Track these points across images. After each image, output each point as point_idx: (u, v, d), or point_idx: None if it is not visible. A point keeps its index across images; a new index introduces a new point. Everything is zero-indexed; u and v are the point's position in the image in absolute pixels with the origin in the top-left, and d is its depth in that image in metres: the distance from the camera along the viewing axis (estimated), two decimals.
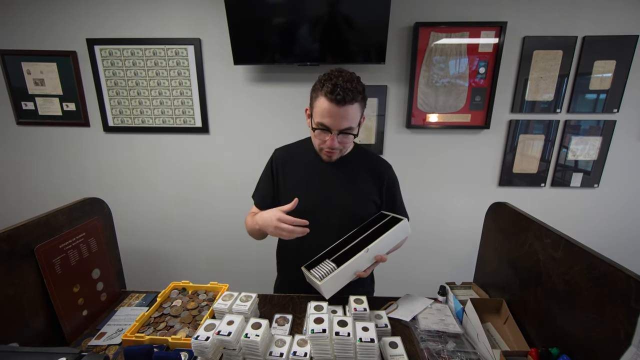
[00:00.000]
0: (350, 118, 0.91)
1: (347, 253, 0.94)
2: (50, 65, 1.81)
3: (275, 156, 1.13)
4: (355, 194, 1.06)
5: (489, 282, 1.10)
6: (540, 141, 1.84)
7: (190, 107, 1.85)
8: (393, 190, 1.13)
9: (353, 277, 0.94)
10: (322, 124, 0.93)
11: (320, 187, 1.06)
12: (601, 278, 0.63)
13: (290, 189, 1.07)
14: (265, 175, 1.14)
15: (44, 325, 0.86)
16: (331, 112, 0.89)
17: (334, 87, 0.87)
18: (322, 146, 0.99)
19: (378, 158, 1.14)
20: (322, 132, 0.95)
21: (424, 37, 1.70)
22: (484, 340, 0.81)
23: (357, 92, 0.89)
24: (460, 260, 2.04)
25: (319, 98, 0.92)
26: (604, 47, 1.69)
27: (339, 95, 0.87)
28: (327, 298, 0.91)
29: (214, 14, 1.71)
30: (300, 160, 1.10)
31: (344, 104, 0.88)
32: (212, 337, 0.77)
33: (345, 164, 1.07)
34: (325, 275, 0.89)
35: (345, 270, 0.90)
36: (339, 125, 0.91)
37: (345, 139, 0.96)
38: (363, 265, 0.94)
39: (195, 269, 2.13)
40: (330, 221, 1.04)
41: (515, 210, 0.97)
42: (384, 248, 0.97)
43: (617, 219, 1.95)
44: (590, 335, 0.65)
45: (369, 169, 1.09)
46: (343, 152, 1.03)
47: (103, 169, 1.98)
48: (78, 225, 0.99)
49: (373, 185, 1.09)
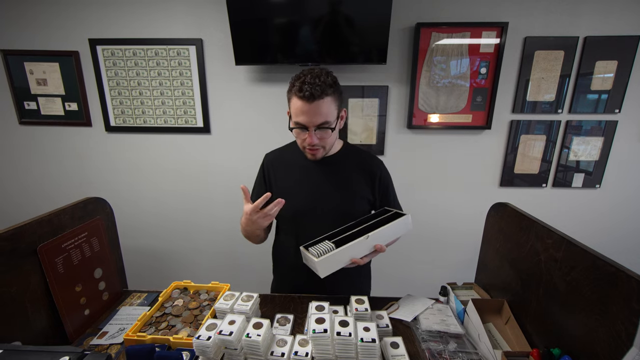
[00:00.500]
0: (323, 113, 0.93)
1: (347, 238, 0.94)
2: (52, 65, 1.82)
3: (266, 161, 1.15)
4: (347, 192, 1.07)
5: (490, 282, 1.10)
6: (541, 141, 1.84)
7: (192, 107, 1.85)
8: (386, 186, 1.13)
9: (348, 263, 0.93)
10: (298, 122, 0.95)
11: (312, 188, 1.06)
12: (603, 279, 0.63)
13: (283, 191, 1.08)
14: (258, 181, 1.16)
15: (46, 324, 0.87)
16: (303, 109, 0.92)
17: (302, 85, 0.90)
18: (303, 144, 1.01)
19: (369, 155, 1.15)
20: (300, 131, 0.97)
21: (425, 37, 1.70)
22: (485, 341, 0.81)
23: (326, 86, 0.91)
24: (461, 261, 2.04)
25: (292, 99, 0.95)
26: (605, 48, 1.69)
27: (307, 92, 0.89)
28: (322, 277, 0.90)
29: (215, 14, 1.72)
30: (291, 163, 1.11)
31: (313, 100, 0.90)
32: (214, 337, 0.77)
33: (336, 163, 1.08)
34: (322, 253, 0.89)
35: (343, 252, 0.90)
36: (313, 121, 0.93)
37: (323, 134, 0.97)
38: (361, 252, 0.94)
39: (197, 268, 2.14)
40: (324, 221, 1.04)
41: (517, 211, 0.97)
42: (385, 239, 0.98)
43: (618, 220, 1.94)
44: (591, 336, 0.65)
45: (361, 166, 1.10)
46: (327, 149, 1.03)
47: (105, 168, 1.99)
48: (80, 224, 0.99)
49: (365, 183, 1.09)
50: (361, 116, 1.83)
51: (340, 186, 1.07)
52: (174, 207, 2.03)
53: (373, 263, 1.18)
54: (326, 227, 1.01)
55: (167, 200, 2.02)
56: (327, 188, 1.06)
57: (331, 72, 0.96)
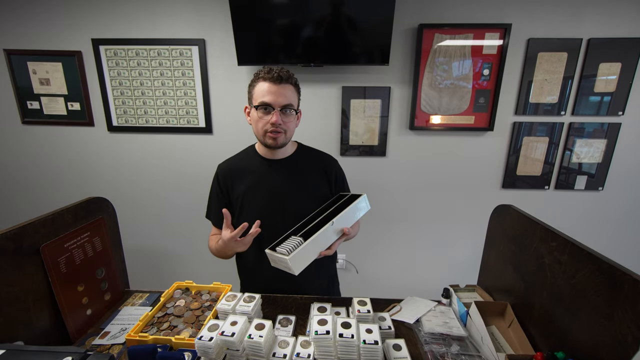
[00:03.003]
0: (288, 96, 0.99)
1: (312, 229, 0.93)
2: (55, 65, 1.82)
3: (219, 171, 1.14)
4: (306, 192, 1.08)
5: (493, 285, 1.10)
6: (544, 143, 1.84)
7: (194, 107, 1.86)
8: (342, 183, 1.16)
9: (318, 255, 0.93)
10: (263, 102, 0.98)
11: (270, 191, 1.06)
12: (609, 282, 0.63)
13: (240, 198, 1.08)
14: (214, 193, 1.14)
15: (48, 323, 0.87)
16: (270, 89, 0.97)
17: (270, 69, 0.98)
18: (265, 127, 1.00)
19: (322, 154, 1.17)
20: (264, 113, 0.99)
21: (428, 38, 1.70)
22: (488, 344, 0.81)
23: (290, 75, 1.00)
24: (463, 263, 2.03)
25: (258, 84, 1.00)
26: (609, 50, 1.68)
27: (275, 74, 0.97)
28: (297, 274, 0.88)
29: (218, 14, 1.72)
30: (245, 169, 1.10)
31: (280, 81, 0.97)
32: (216, 338, 0.77)
33: (291, 164, 1.09)
34: (292, 249, 0.86)
35: (313, 243, 0.89)
36: (279, 101, 0.97)
37: (286, 118, 1.00)
38: (329, 238, 0.95)
39: (199, 268, 2.14)
40: (286, 222, 1.03)
41: (521, 213, 0.97)
42: (348, 222, 0.99)
43: (621, 222, 1.94)
44: (597, 339, 0.65)
45: (316, 165, 1.12)
46: (287, 137, 1.04)
47: (107, 168, 1.99)
48: (83, 224, 0.99)
49: (322, 180, 1.11)
50: (363, 117, 1.83)
51: (299, 187, 1.08)
52: (176, 207, 2.03)
53: (374, 265, 1.17)
54: (287, 228, 1.01)
55: (169, 200, 2.02)
56: (285, 189, 1.07)
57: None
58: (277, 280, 1.06)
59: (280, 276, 0.96)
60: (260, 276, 1.12)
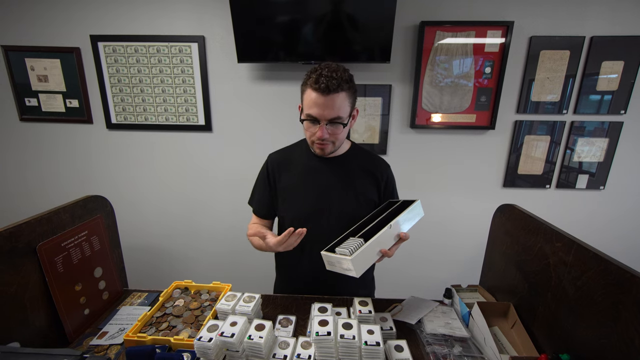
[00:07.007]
0: (336, 107, 0.91)
1: (369, 232, 0.90)
2: (54, 62, 1.80)
3: (270, 161, 1.12)
4: (353, 193, 1.05)
5: (496, 285, 1.09)
6: (545, 142, 1.82)
7: (194, 104, 1.84)
8: (392, 190, 1.13)
9: (379, 256, 0.90)
10: (310, 115, 0.93)
11: (319, 188, 1.04)
12: (615, 284, 0.62)
13: (287, 192, 1.06)
14: (260, 182, 1.13)
15: (45, 324, 0.85)
16: (317, 101, 0.90)
17: (318, 77, 0.89)
18: (312, 138, 0.99)
19: (376, 157, 1.14)
20: (311, 124, 0.95)
21: (430, 36, 1.68)
22: (491, 345, 0.80)
23: (342, 81, 0.90)
24: (465, 262, 2.02)
25: (307, 91, 0.93)
26: (612, 48, 1.67)
27: (322, 84, 0.88)
28: (358, 277, 0.84)
29: (218, 11, 1.70)
30: (297, 163, 1.08)
31: (328, 92, 0.89)
32: (215, 339, 0.76)
33: (343, 164, 1.06)
34: (354, 250, 0.83)
35: (374, 245, 0.86)
36: (326, 114, 0.91)
37: (334, 129, 0.95)
38: (388, 242, 0.91)
39: (198, 268, 2.13)
40: (329, 222, 1.02)
41: (524, 213, 0.96)
42: (405, 227, 0.95)
43: (623, 222, 1.93)
44: (602, 342, 0.64)
45: (367, 168, 1.08)
46: (337, 146, 1.01)
47: (106, 166, 1.97)
48: (80, 223, 0.98)
49: (371, 184, 1.08)
50: (364, 115, 1.82)
51: (348, 187, 1.05)
52: (175, 205, 2.02)
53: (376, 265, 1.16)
54: (332, 228, 0.99)
55: (168, 199, 2.01)
56: (334, 189, 1.04)
57: (348, 69, 0.95)
58: (315, 282, 1.06)
59: (318, 277, 0.94)
60: (297, 275, 1.11)
